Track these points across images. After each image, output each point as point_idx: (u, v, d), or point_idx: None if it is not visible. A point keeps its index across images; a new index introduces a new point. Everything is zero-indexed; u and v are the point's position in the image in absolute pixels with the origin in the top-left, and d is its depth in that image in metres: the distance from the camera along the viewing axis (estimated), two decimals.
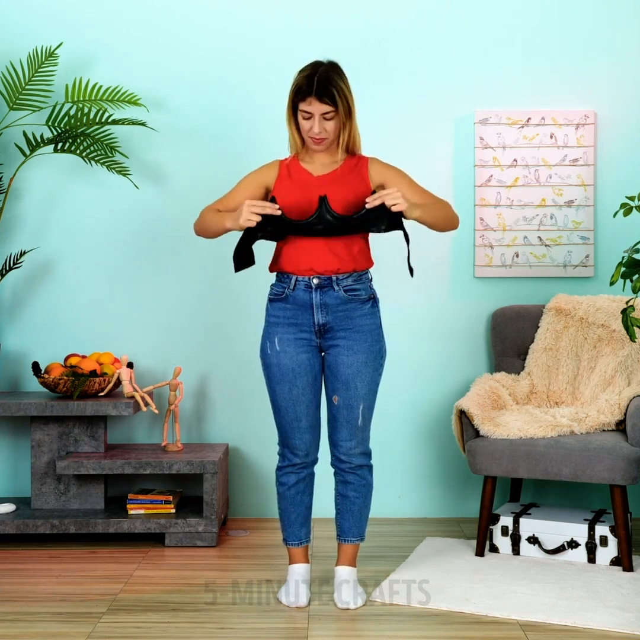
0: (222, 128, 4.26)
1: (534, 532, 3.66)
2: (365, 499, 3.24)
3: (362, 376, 3.13)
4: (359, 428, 3.17)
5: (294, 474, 3.22)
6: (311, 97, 3.02)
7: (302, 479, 3.23)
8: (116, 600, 3.23)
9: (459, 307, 4.29)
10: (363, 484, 3.22)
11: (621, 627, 2.96)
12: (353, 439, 3.17)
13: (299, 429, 3.17)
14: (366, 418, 3.18)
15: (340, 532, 3.27)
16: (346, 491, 3.22)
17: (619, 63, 4.24)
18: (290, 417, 3.16)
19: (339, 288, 3.10)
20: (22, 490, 4.26)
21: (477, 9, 4.25)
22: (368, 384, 3.15)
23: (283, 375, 3.14)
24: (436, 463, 4.30)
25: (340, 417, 3.16)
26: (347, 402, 3.14)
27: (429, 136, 4.26)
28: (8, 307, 4.28)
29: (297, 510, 3.24)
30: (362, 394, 3.14)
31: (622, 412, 3.71)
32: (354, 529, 3.24)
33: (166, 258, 4.28)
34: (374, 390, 3.18)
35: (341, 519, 3.25)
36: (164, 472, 3.84)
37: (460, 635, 2.94)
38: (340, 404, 3.15)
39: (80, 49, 4.23)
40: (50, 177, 4.26)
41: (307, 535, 3.29)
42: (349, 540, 3.25)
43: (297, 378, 3.13)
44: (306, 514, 3.27)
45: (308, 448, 3.21)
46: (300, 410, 3.16)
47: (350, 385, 3.13)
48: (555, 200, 4.23)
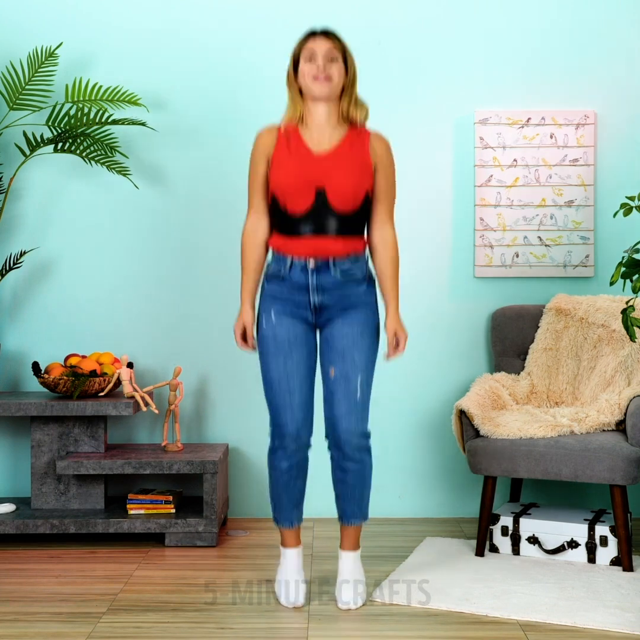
0: (222, 128, 4.26)
1: (534, 532, 3.66)
2: (365, 482, 3.15)
3: (359, 347, 3.07)
4: (358, 403, 3.07)
5: (286, 460, 3.14)
6: (317, 36, 3.04)
7: (295, 464, 3.15)
8: (116, 600, 3.23)
9: (459, 307, 4.29)
10: (361, 469, 3.12)
11: (621, 627, 2.96)
12: (352, 414, 3.06)
13: (291, 406, 3.09)
14: (365, 393, 3.09)
15: (342, 514, 3.19)
16: (345, 477, 3.13)
17: (619, 63, 4.24)
18: (282, 391, 3.08)
19: (336, 270, 3.07)
20: (22, 490, 4.26)
21: (477, 9, 4.25)
22: (366, 356, 3.08)
23: (278, 347, 3.09)
24: (436, 463, 4.30)
25: (338, 391, 3.07)
26: (345, 373, 3.06)
27: (429, 136, 4.26)
28: (8, 307, 4.28)
29: (289, 494, 3.18)
30: (359, 365, 3.07)
31: (622, 412, 3.71)
32: (356, 511, 3.17)
33: (166, 258, 4.28)
34: (371, 363, 3.11)
35: (342, 503, 3.18)
36: (164, 472, 3.84)
37: (460, 635, 2.94)
38: (337, 376, 3.07)
39: (80, 49, 4.23)
40: (50, 177, 4.26)
41: (300, 517, 3.24)
42: (352, 522, 3.18)
43: (293, 350, 3.09)
44: (299, 497, 3.21)
45: (299, 428, 3.10)
46: (294, 384, 3.08)
47: (347, 356, 3.06)
48: (555, 200, 4.23)
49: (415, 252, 4.17)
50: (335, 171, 3.05)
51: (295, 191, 3.04)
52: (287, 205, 3.06)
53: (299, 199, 3.04)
